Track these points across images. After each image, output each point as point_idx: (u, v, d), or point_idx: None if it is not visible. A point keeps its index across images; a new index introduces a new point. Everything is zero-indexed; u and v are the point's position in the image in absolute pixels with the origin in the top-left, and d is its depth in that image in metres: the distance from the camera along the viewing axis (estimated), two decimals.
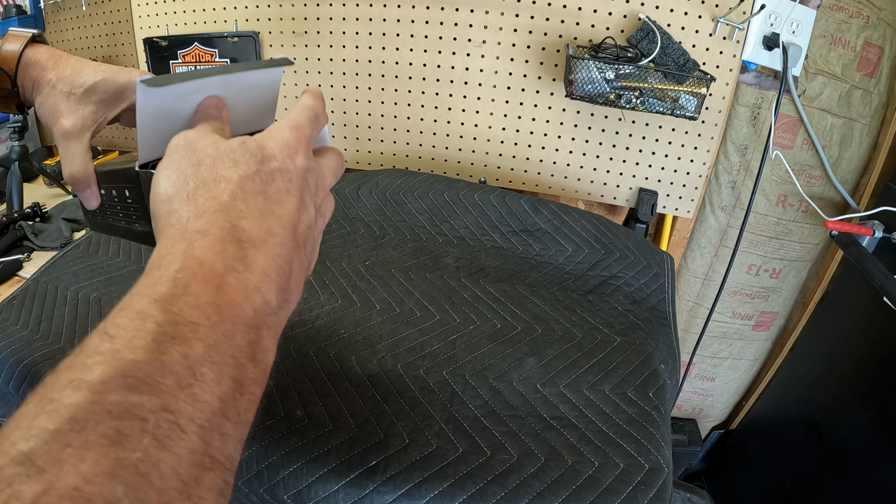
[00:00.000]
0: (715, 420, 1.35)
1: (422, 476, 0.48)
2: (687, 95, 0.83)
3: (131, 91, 0.41)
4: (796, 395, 1.12)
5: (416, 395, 0.56)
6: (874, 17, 0.91)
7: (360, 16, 1.01)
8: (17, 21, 1.26)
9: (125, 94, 0.41)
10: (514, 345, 0.63)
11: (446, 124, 1.06)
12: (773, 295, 1.14)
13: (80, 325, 0.65)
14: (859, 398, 0.93)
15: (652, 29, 0.86)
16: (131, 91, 0.41)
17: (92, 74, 0.40)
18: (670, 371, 0.63)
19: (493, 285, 0.72)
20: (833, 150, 0.98)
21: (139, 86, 0.30)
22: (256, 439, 0.51)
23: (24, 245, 1.00)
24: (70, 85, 0.40)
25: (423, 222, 0.84)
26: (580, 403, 0.56)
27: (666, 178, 1.00)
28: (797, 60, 0.90)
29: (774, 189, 1.02)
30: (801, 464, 1.05)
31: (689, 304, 1.18)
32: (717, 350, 1.21)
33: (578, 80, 0.84)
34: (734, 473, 1.28)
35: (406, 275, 0.74)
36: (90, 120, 0.40)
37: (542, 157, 1.04)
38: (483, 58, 0.99)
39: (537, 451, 0.51)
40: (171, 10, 1.13)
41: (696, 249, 1.11)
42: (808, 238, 1.07)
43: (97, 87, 0.40)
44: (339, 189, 0.89)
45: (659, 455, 0.51)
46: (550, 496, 0.47)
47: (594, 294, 0.73)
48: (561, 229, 0.81)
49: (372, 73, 1.05)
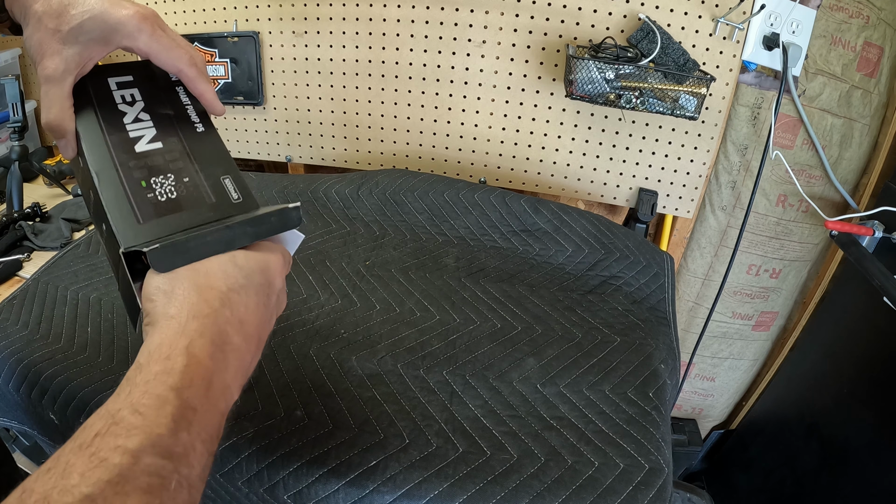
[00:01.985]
0: (715, 420, 1.35)
1: (422, 476, 0.48)
2: (687, 95, 0.83)
3: (121, 33, 0.37)
4: (796, 395, 1.12)
5: (416, 395, 0.56)
6: (874, 17, 0.91)
7: (360, 16, 1.01)
8: None
9: (114, 36, 0.37)
10: (514, 345, 0.63)
11: (446, 124, 1.06)
12: (773, 295, 1.14)
13: (80, 325, 0.65)
14: (859, 398, 0.93)
15: (652, 29, 0.86)
16: (121, 33, 0.37)
17: (81, 9, 0.36)
18: (670, 371, 0.63)
19: (493, 285, 0.72)
20: (833, 150, 0.98)
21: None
22: (256, 439, 0.51)
23: (24, 245, 1.00)
24: (56, 20, 0.35)
25: (423, 222, 0.84)
26: (580, 403, 0.56)
27: (666, 178, 1.00)
28: (797, 60, 0.90)
29: (774, 189, 1.02)
30: (801, 464, 1.05)
31: (689, 304, 1.18)
32: (717, 350, 1.21)
33: (578, 80, 0.84)
34: (734, 473, 1.28)
35: (406, 275, 0.73)
36: (73, 63, 0.37)
37: (542, 157, 1.04)
38: (483, 58, 0.99)
39: (537, 451, 0.51)
40: (171, 10, 1.13)
41: (696, 249, 1.11)
42: (808, 238, 1.07)
43: (84, 27, 0.36)
44: (339, 189, 0.89)
45: (659, 455, 0.51)
46: (550, 496, 0.47)
47: (594, 294, 0.73)
48: (561, 229, 0.81)
49: (372, 73, 1.05)
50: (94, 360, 0.60)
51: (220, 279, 0.32)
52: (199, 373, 0.28)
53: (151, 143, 0.40)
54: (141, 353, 0.29)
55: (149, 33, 0.38)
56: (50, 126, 0.38)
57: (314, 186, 0.91)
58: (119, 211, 0.36)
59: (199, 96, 0.42)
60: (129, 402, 0.26)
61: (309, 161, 1.18)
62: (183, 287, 0.31)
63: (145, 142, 0.40)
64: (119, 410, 0.26)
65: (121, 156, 0.38)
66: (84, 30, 0.36)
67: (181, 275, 0.32)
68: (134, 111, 0.41)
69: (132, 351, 0.61)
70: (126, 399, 0.26)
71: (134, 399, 0.26)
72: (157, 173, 0.38)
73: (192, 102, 0.43)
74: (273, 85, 1.12)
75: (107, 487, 0.22)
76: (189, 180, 0.39)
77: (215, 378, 0.29)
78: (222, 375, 0.30)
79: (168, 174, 0.39)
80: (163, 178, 0.38)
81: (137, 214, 0.36)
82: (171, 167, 0.39)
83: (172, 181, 0.38)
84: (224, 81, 1.13)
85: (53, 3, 0.36)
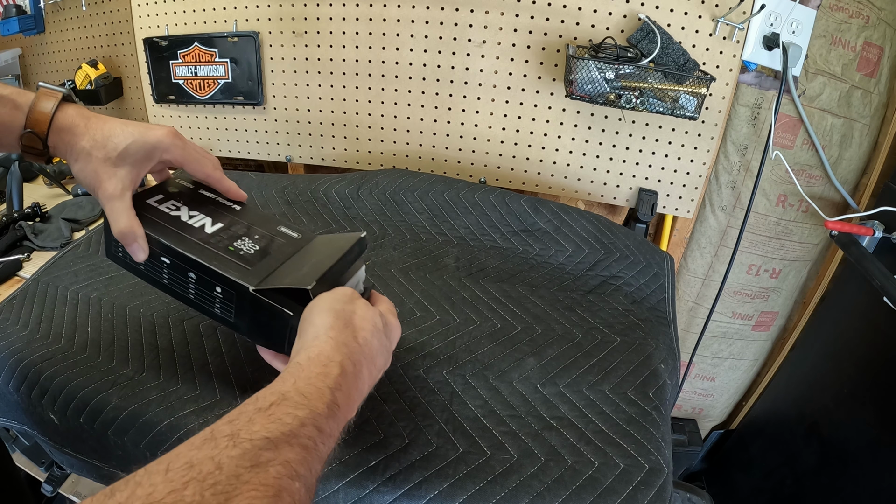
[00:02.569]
0: (715, 420, 1.35)
1: (422, 476, 0.48)
2: (687, 95, 0.83)
3: (160, 149, 0.46)
4: (796, 395, 1.12)
5: (416, 395, 0.56)
6: (874, 17, 0.91)
7: (360, 16, 1.01)
8: (17, 21, 1.26)
9: (154, 152, 0.45)
10: (514, 345, 0.63)
11: (446, 124, 1.06)
12: (773, 295, 1.14)
13: (80, 325, 0.65)
14: (859, 398, 0.93)
15: (652, 29, 0.86)
16: (160, 149, 0.46)
17: (122, 137, 0.44)
18: (670, 371, 0.63)
19: (493, 285, 0.72)
20: (833, 150, 0.98)
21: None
22: None
23: (24, 245, 1.00)
24: (104, 150, 0.43)
25: (423, 222, 0.84)
26: (580, 403, 0.56)
27: (666, 178, 1.00)
28: (797, 60, 0.90)
29: (774, 189, 1.02)
30: (801, 464, 1.05)
31: (689, 304, 1.18)
32: (717, 350, 1.21)
33: (578, 80, 0.84)
34: (734, 473, 1.28)
35: (406, 275, 0.73)
36: (128, 180, 0.45)
37: (542, 157, 1.04)
38: (483, 58, 0.99)
39: (537, 451, 0.51)
40: (171, 10, 1.13)
41: (696, 249, 1.11)
42: (808, 238, 1.07)
43: (129, 150, 0.44)
44: (340, 189, 0.89)
45: (659, 455, 0.51)
46: (550, 496, 0.47)
47: (594, 294, 0.73)
48: (561, 229, 0.81)
49: (372, 73, 1.05)
50: (94, 360, 0.60)
51: (367, 322, 0.42)
52: (345, 383, 0.37)
53: (215, 225, 0.49)
54: (299, 356, 0.38)
55: (181, 147, 0.47)
56: (123, 234, 0.45)
57: (314, 186, 0.91)
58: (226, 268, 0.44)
59: (226, 192, 0.52)
60: (296, 388, 0.34)
61: (309, 161, 1.18)
62: (339, 323, 0.40)
63: (209, 226, 0.49)
64: (287, 391, 0.34)
65: (201, 237, 0.47)
66: (129, 152, 0.44)
67: (338, 312, 0.41)
68: (184, 212, 0.49)
69: (132, 351, 0.61)
70: (293, 385, 0.34)
71: (300, 386, 0.34)
72: (235, 239, 0.48)
73: (217, 195, 0.52)
74: (273, 85, 1.12)
75: (280, 436, 0.31)
76: (259, 236, 0.49)
77: (352, 392, 0.38)
78: (356, 393, 0.38)
79: (243, 237, 0.48)
80: (239, 241, 0.48)
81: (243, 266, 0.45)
82: (241, 233, 0.49)
83: (248, 241, 0.48)
84: (224, 81, 1.13)
85: (98, 137, 0.43)
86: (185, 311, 0.66)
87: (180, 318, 0.65)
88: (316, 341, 0.38)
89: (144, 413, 0.54)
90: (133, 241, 0.45)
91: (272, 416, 0.32)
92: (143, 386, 0.56)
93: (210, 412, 0.54)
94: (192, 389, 0.56)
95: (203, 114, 1.20)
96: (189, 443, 0.30)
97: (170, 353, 0.60)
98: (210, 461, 0.28)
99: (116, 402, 0.55)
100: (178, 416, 0.53)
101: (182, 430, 0.52)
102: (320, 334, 0.39)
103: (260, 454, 0.29)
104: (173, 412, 0.54)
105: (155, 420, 0.53)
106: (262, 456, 0.29)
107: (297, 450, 0.31)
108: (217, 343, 0.62)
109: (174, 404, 0.54)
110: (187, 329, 0.64)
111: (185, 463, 0.28)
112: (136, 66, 1.20)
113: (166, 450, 0.52)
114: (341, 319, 0.41)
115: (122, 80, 1.25)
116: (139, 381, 0.57)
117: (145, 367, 0.59)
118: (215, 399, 0.55)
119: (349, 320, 0.41)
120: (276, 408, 0.32)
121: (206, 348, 0.61)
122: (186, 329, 0.64)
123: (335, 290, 0.44)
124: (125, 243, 0.46)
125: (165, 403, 0.54)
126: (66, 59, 1.32)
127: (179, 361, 0.59)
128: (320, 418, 0.33)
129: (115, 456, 0.58)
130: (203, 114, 1.20)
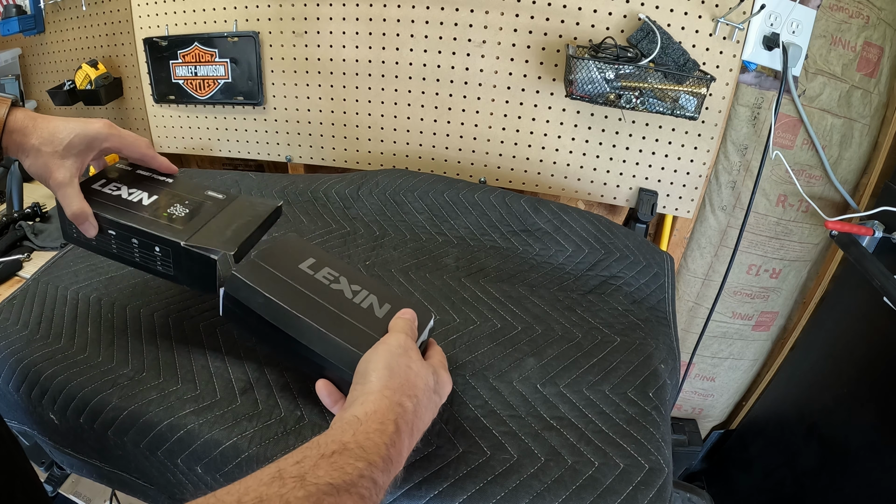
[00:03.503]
0: (715, 420, 1.35)
1: (422, 476, 0.48)
2: (687, 95, 0.83)
3: (99, 139, 0.52)
4: (796, 395, 1.12)
5: None
6: (874, 17, 0.91)
7: (360, 16, 1.01)
8: (17, 21, 1.26)
9: (95, 142, 0.52)
10: (514, 345, 0.63)
11: (446, 124, 1.06)
12: (773, 295, 1.14)
13: (80, 325, 0.65)
14: (859, 398, 0.93)
15: (652, 29, 0.86)
16: (99, 139, 0.52)
17: (66, 132, 0.50)
18: (670, 371, 0.63)
19: (493, 285, 0.72)
20: (833, 150, 0.98)
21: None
22: (255, 439, 0.51)
23: (24, 245, 1.00)
24: (52, 145, 0.50)
25: (423, 222, 0.84)
26: (580, 403, 0.56)
27: (666, 178, 1.00)
28: (797, 60, 0.90)
29: (774, 189, 1.02)
30: (801, 464, 1.05)
31: (689, 304, 1.18)
32: (717, 350, 1.21)
33: (578, 80, 0.84)
34: (734, 473, 1.28)
35: (406, 275, 0.74)
36: (75, 169, 0.51)
37: (542, 157, 1.04)
38: (483, 58, 0.99)
39: (537, 451, 0.51)
40: (171, 10, 1.13)
41: (696, 249, 1.11)
42: (808, 238, 1.07)
43: (74, 143, 0.50)
44: (340, 189, 0.89)
45: (659, 455, 0.51)
46: (550, 496, 0.47)
47: (594, 294, 0.73)
48: (561, 229, 0.81)
49: (372, 73, 1.05)
50: (94, 360, 0.60)
51: (420, 380, 0.45)
52: (398, 440, 0.40)
53: (151, 198, 0.56)
54: (355, 409, 0.41)
55: (117, 136, 0.54)
56: (75, 215, 0.52)
57: (314, 186, 0.91)
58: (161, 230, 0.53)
59: (159, 167, 0.59)
60: (356, 441, 0.37)
61: (309, 161, 1.18)
62: (394, 382, 0.43)
63: (146, 199, 0.56)
64: (348, 442, 0.37)
65: (139, 209, 0.55)
66: (74, 145, 0.51)
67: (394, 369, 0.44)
68: (124, 190, 0.57)
69: (132, 351, 0.61)
70: (352, 437, 0.37)
71: (359, 439, 0.37)
72: (168, 206, 0.55)
73: (153, 173, 0.60)
74: (273, 85, 1.12)
75: (342, 484, 0.33)
76: (188, 202, 0.57)
77: (403, 449, 0.40)
78: (406, 450, 0.41)
79: (175, 204, 0.56)
80: (172, 207, 0.55)
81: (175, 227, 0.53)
82: (174, 201, 0.56)
83: (179, 206, 0.56)
84: (224, 81, 1.13)
85: (45, 134, 0.50)
86: (185, 311, 0.66)
87: (180, 318, 0.65)
88: (371, 396, 0.42)
89: (144, 413, 0.54)
90: (84, 221, 0.52)
91: (335, 463, 0.35)
92: (143, 386, 0.56)
93: (210, 412, 0.54)
94: (192, 389, 0.56)
95: (203, 114, 1.20)
96: (257, 478, 0.33)
97: (170, 353, 0.60)
98: (279, 499, 0.31)
99: (116, 402, 0.55)
100: (178, 416, 0.53)
101: (182, 430, 0.52)
102: (376, 390, 0.42)
103: (323, 499, 0.32)
104: (173, 412, 0.54)
105: (155, 420, 0.53)
106: (324, 501, 0.32)
107: (354, 498, 0.34)
108: (217, 343, 0.62)
109: (174, 404, 0.54)
110: (187, 329, 0.64)
111: (256, 497, 0.31)
112: (136, 66, 1.20)
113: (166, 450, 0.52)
114: (396, 378, 0.43)
115: (122, 80, 1.25)
116: (139, 381, 0.57)
117: (145, 367, 0.59)
118: (215, 399, 0.55)
119: (405, 379, 0.44)
120: (339, 457, 0.35)
121: (206, 348, 0.61)
122: (186, 329, 0.64)
123: (391, 340, 0.47)
124: (77, 223, 0.52)
125: (165, 403, 0.54)
126: (66, 59, 1.32)
127: (179, 361, 0.59)
128: (376, 471, 0.36)
129: (115, 456, 0.58)
130: (203, 114, 1.20)
